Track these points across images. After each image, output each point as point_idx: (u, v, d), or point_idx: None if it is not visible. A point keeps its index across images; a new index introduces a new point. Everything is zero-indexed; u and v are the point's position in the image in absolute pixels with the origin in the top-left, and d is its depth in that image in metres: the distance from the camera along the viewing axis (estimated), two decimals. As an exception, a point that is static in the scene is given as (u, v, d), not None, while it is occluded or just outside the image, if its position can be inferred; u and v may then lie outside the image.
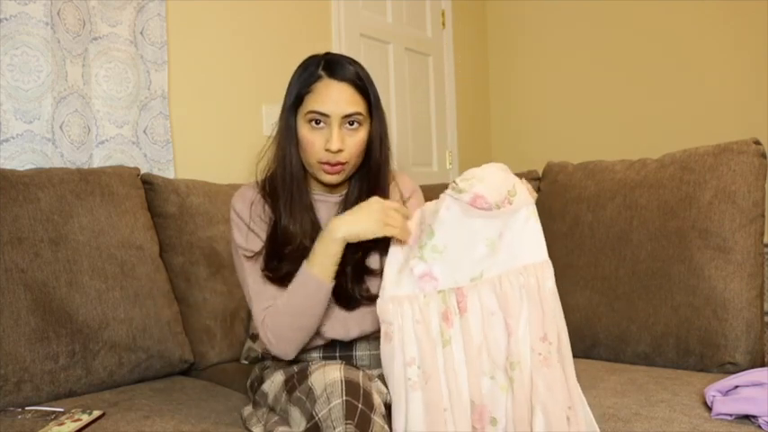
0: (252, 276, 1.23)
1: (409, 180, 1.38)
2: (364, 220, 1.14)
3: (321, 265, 1.15)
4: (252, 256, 1.23)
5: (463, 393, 1.06)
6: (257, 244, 1.24)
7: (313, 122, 1.19)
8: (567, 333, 1.08)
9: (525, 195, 1.12)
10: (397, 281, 1.13)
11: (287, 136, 1.22)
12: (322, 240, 1.16)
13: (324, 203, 1.29)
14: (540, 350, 1.04)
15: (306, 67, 1.23)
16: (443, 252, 1.12)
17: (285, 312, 1.17)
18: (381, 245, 1.20)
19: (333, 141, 1.17)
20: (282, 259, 1.21)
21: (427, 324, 1.09)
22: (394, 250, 1.16)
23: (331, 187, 1.28)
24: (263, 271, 1.22)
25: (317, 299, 1.16)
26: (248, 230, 1.24)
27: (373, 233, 1.13)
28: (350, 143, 1.20)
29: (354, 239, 1.14)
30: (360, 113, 1.20)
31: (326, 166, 1.20)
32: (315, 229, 1.23)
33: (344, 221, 1.15)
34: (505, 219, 1.10)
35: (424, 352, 1.08)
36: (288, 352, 1.19)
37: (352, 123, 1.20)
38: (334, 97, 1.18)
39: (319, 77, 1.19)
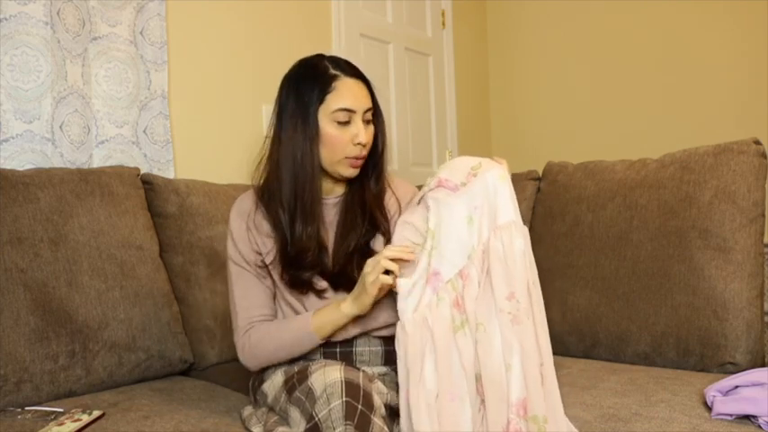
0: (239, 285, 1.28)
1: (407, 184, 1.40)
2: (363, 292, 1.15)
3: (322, 329, 1.21)
4: (247, 266, 1.28)
5: (473, 370, 1.07)
6: (251, 255, 1.27)
7: (340, 120, 1.22)
8: (539, 291, 1.10)
9: (490, 164, 1.17)
10: (412, 301, 1.14)
11: (306, 136, 1.22)
12: (333, 313, 1.20)
13: (322, 206, 1.30)
14: (509, 309, 1.06)
15: (313, 68, 1.25)
16: (438, 247, 1.15)
17: (272, 342, 1.24)
18: (383, 229, 1.27)
19: (362, 135, 1.23)
20: (301, 267, 1.24)
21: (442, 319, 1.10)
22: (402, 282, 1.15)
23: (334, 187, 1.31)
24: (283, 281, 1.26)
25: (304, 348, 1.23)
26: (243, 242, 1.28)
27: (373, 296, 1.15)
28: (369, 136, 1.26)
29: (363, 311, 1.19)
30: (372, 108, 1.27)
31: (353, 160, 1.24)
32: (322, 232, 1.26)
33: (352, 300, 1.18)
34: (476, 190, 1.15)
35: (437, 345, 1.09)
36: (253, 367, 1.28)
37: (368, 118, 1.26)
38: (357, 93, 1.23)
39: (337, 76, 1.23)
